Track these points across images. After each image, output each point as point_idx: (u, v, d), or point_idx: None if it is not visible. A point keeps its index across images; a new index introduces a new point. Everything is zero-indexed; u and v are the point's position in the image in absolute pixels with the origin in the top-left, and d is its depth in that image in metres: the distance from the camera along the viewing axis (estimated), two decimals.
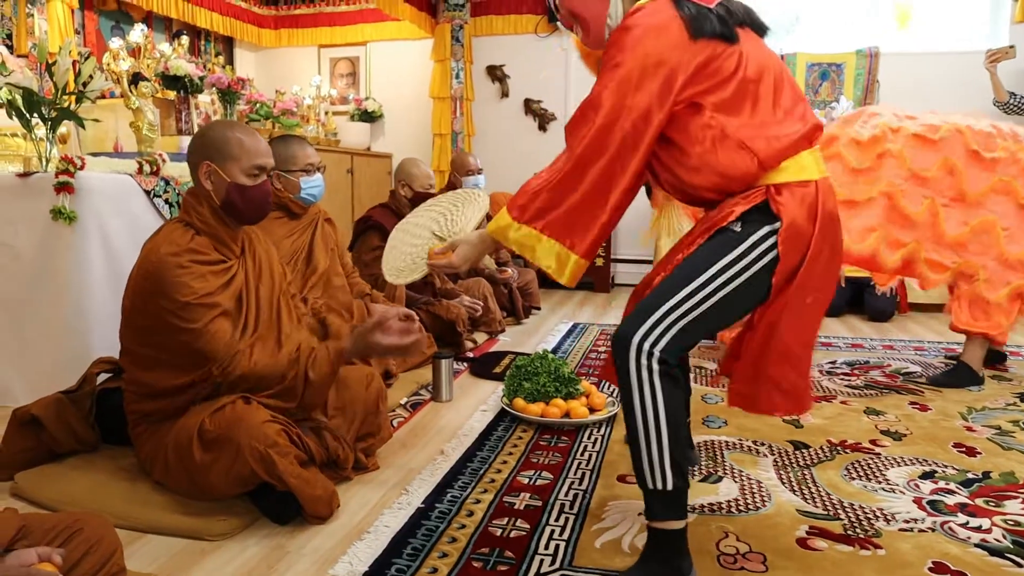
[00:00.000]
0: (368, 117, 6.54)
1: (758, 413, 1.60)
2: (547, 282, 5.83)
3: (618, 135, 1.47)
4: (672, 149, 1.54)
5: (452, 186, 4.38)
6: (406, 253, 1.92)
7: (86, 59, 2.84)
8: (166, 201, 2.78)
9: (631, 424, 1.49)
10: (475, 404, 2.74)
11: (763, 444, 2.31)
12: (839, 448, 2.29)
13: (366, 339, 1.89)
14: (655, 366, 1.45)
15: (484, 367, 3.22)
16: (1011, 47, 4.30)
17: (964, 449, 2.30)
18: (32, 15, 4.21)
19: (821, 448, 2.29)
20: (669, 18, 1.47)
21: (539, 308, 4.81)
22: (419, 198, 3.51)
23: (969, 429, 2.50)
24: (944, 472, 2.11)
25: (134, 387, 1.86)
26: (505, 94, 6.39)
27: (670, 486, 1.46)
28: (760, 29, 1.60)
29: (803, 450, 2.27)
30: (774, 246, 1.48)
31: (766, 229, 1.48)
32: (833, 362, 3.44)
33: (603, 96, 1.48)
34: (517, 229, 1.55)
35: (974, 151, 2.97)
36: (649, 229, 4.64)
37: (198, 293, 1.74)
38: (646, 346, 1.46)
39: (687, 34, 1.45)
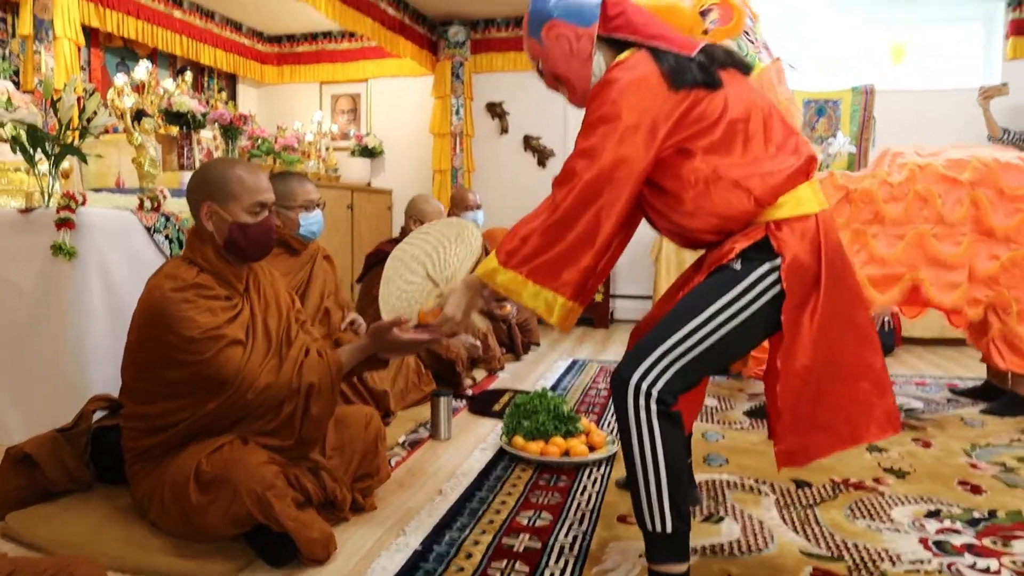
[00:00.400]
0: (369, 153, 6.60)
1: (812, 461, 1.56)
2: None
3: (603, 186, 1.50)
4: (667, 197, 1.56)
5: None
6: (402, 290, 1.94)
7: (90, 95, 2.87)
8: (166, 237, 2.78)
9: (630, 465, 1.48)
10: (474, 442, 2.72)
11: (765, 483, 2.29)
12: (842, 486, 2.26)
13: (384, 337, 1.85)
14: (653, 406, 1.44)
15: (483, 405, 3.20)
16: (1004, 84, 4.37)
17: (969, 487, 2.28)
18: (39, 52, 4.26)
19: (824, 487, 2.26)
20: (648, 71, 1.51)
21: (538, 344, 4.80)
22: None
23: (973, 466, 2.48)
24: (949, 511, 2.09)
25: (133, 423, 1.84)
26: (505, 130, 6.45)
27: (670, 528, 1.44)
28: (744, 69, 1.63)
29: (805, 489, 2.24)
30: (777, 282, 1.48)
31: (767, 266, 1.48)
32: None
33: (586, 149, 1.52)
34: (503, 273, 1.57)
35: (1000, 188, 2.99)
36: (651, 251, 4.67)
37: (204, 327, 1.73)
38: (644, 386, 1.45)
39: (666, 85, 1.49)
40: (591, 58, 1.64)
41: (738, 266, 1.50)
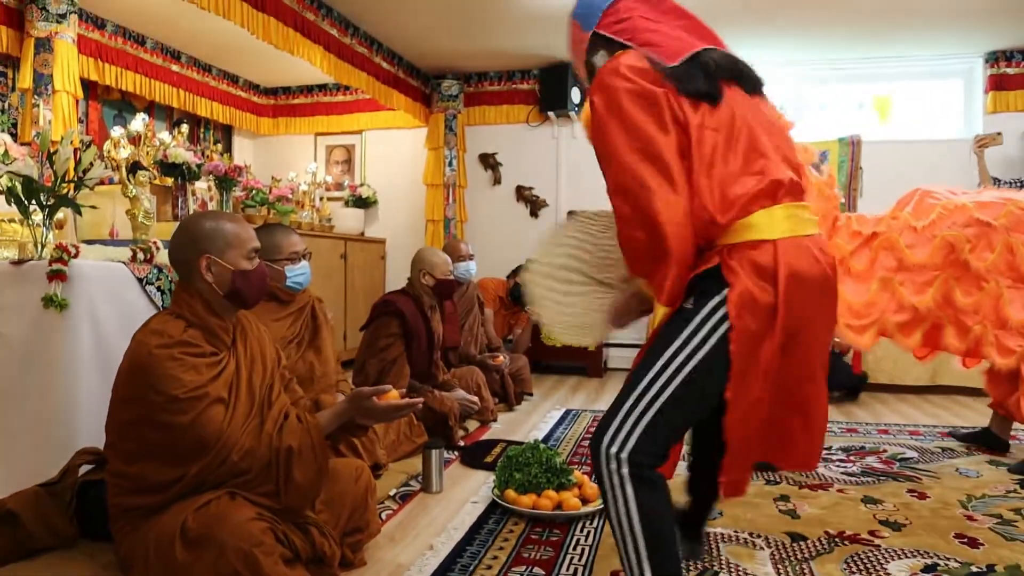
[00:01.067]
0: (362, 203, 6.66)
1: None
2: (539, 367, 5.81)
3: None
4: None
5: None
6: (566, 305, 1.84)
7: (87, 147, 2.90)
8: (159, 288, 2.78)
9: (612, 529, 1.46)
10: (466, 495, 2.68)
11: (759, 536, 2.26)
12: (837, 540, 2.24)
13: (362, 403, 1.85)
14: (625, 471, 1.41)
15: (475, 456, 3.16)
16: (998, 134, 4.38)
17: (966, 540, 2.25)
18: (38, 105, 4.32)
19: (819, 540, 2.24)
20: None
21: (531, 394, 4.78)
22: (440, 285, 3.55)
23: (970, 518, 2.45)
24: (947, 565, 2.06)
25: (118, 480, 1.81)
26: (497, 181, 6.53)
27: None
28: (746, 83, 1.59)
29: (800, 542, 2.22)
30: (726, 316, 1.41)
31: (716, 299, 1.43)
32: (828, 448, 3.39)
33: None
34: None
35: None
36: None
37: (188, 387, 1.71)
38: (613, 450, 1.42)
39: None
40: (584, 63, 1.73)
41: (690, 304, 1.46)
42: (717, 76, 1.52)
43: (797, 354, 1.47)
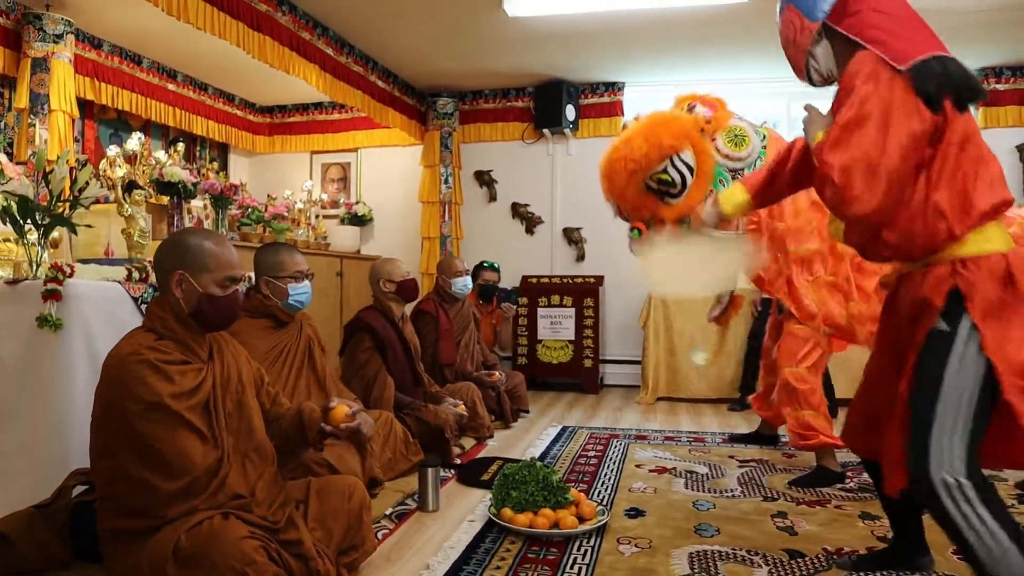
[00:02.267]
0: (358, 221, 6.67)
1: None
2: (535, 384, 5.80)
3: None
4: None
5: (439, 288, 4.42)
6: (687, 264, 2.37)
7: (83, 166, 2.91)
8: None
9: (975, 554, 1.53)
10: (462, 514, 2.67)
11: (757, 554, 2.25)
12: (836, 557, 2.23)
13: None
14: (971, 494, 1.51)
15: (471, 474, 3.15)
16: None
17: (963, 556, 2.24)
18: (34, 125, 4.33)
19: (817, 557, 2.23)
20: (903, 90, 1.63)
21: (527, 411, 4.76)
22: (402, 287, 3.61)
23: None
24: None
25: (107, 503, 1.79)
26: (493, 198, 6.55)
27: None
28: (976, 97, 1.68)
29: (799, 559, 2.20)
30: (974, 327, 1.54)
31: (966, 319, 1.56)
32: None
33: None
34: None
35: None
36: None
37: (162, 394, 1.69)
38: (950, 479, 1.52)
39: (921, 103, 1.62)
40: (806, 51, 1.80)
41: (944, 326, 1.57)
42: (950, 87, 1.62)
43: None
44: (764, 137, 2.98)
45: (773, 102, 5.83)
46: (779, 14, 1.88)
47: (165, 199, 4.21)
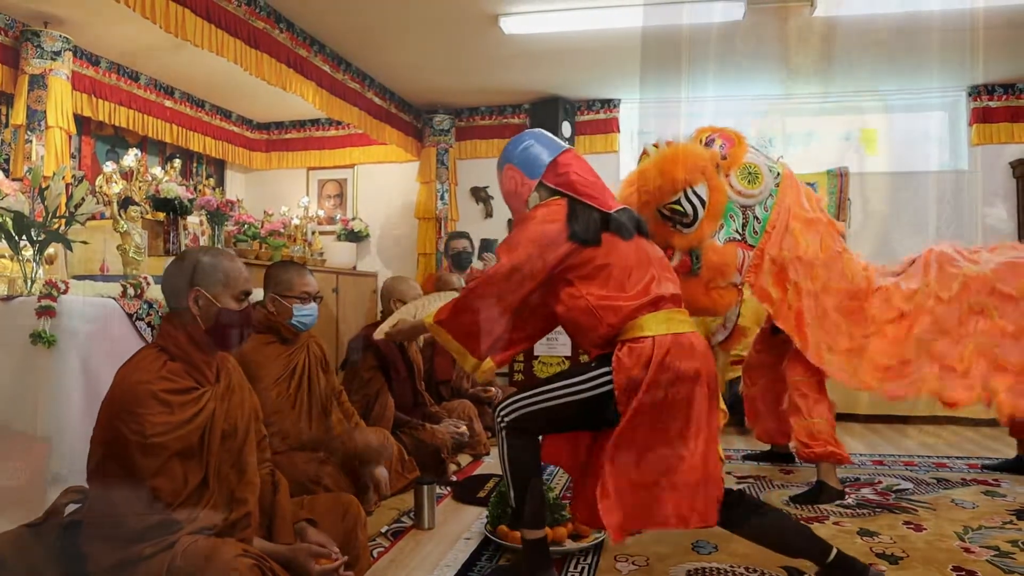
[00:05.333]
0: (354, 237, 6.67)
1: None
2: None
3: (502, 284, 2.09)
4: (561, 312, 2.13)
5: None
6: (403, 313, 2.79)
7: (79, 183, 2.91)
8: (149, 324, 2.77)
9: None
10: (458, 531, 2.65)
11: (755, 571, 2.24)
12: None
13: (299, 559, 1.86)
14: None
15: (468, 492, 3.13)
16: None
17: (964, 573, 2.23)
18: (31, 141, 4.34)
19: (816, 573, 2.20)
20: (558, 225, 2.07)
21: None
22: None
23: (967, 550, 2.44)
24: None
25: (92, 525, 1.77)
26: (489, 214, 6.56)
27: None
28: (627, 233, 2.10)
29: None
30: (608, 382, 1.97)
31: (605, 368, 1.99)
32: None
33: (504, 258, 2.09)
34: (432, 325, 2.21)
35: None
36: None
37: (163, 431, 1.69)
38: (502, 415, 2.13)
39: (565, 236, 2.05)
40: (527, 202, 2.21)
41: (592, 362, 2.06)
42: (616, 230, 2.09)
43: (653, 421, 1.94)
44: (778, 175, 3.03)
45: (768, 119, 5.87)
46: (500, 172, 2.33)
47: (161, 215, 4.21)
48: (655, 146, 2.93)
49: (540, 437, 2.16)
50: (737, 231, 2.96)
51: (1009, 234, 5.38)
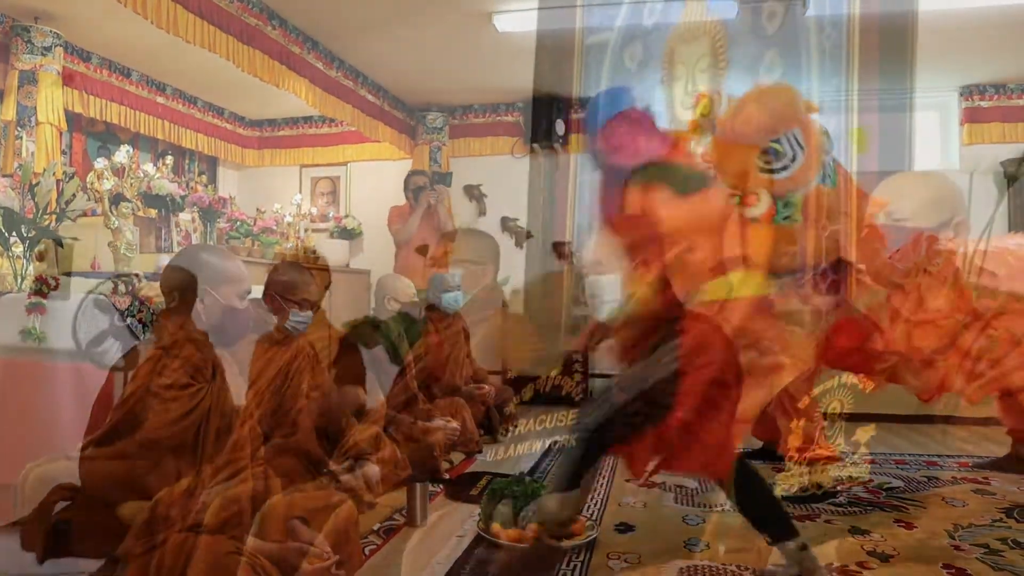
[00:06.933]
0: (347, 234, 6.65)
1: None
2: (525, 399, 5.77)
3: None
4: None
5: (431, 303, 4.41)
6: None
7: (70, 179, 2.90)
8: (139, 320, 2.75)
9: None
10: (451, 529, 2.64)
11: (747, 569, 2.24)
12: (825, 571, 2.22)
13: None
14: None
15: (460, 489, 3.12)
16: None
17: (954, 571, 2.24)
18: (21, 137, 4.31)
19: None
20: None
21: (517, 426, 4.74)
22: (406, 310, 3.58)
23: (957, 548, 2.44)
24: None
25: (84, 526, 1.77)
26: (482, 212, 6.56)
27: None
28: None
29: None
30: None
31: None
32: None
33: None
34: None
35: None
36: None
37: (153, 426, 1.71)
38: None
39: None
40: None
41: None
42: None
43: None
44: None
45: None
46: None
47: (153, 212, 4.19)
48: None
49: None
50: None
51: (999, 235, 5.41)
